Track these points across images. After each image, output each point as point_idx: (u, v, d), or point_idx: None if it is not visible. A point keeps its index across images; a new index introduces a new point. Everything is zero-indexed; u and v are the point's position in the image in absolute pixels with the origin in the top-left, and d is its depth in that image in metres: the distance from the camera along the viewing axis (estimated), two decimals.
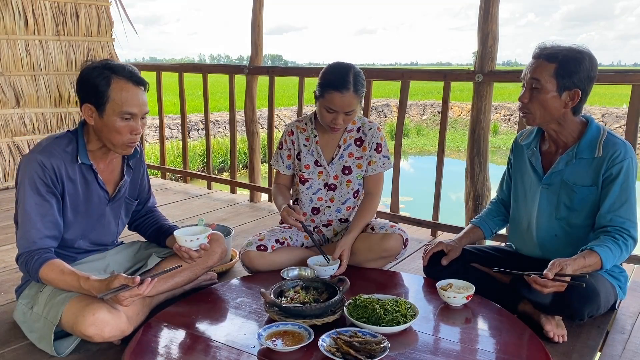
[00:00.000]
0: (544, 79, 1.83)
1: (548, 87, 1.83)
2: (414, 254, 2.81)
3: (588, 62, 1.83)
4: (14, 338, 1.88)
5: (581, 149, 1.90)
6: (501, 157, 13.17)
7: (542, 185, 1.99)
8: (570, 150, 1.92)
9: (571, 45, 1.86)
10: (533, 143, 2.05)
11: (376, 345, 1.53)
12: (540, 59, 1.86)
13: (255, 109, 3.91)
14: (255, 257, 2.23)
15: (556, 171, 1.95)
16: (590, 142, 1.89)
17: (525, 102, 1.89)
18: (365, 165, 2.37)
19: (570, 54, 1.82)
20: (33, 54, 4.27)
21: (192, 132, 12.23)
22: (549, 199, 1.98)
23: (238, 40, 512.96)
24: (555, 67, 1.82)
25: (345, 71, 2.16)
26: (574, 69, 1.81)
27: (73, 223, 1.87)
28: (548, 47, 1.86)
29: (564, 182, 1.94)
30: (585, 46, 1.86)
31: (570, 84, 1.82)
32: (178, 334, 1.72)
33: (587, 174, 1.90)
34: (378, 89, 20.65)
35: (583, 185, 1.90)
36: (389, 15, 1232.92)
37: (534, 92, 1.86)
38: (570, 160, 1.92)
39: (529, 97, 1.88)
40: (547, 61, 1.83)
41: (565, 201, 1.95)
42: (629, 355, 1.84)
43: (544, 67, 1.83)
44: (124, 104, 1.72)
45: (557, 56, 1.82)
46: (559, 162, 1.94)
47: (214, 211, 3.65)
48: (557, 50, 1.84)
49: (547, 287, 1.69)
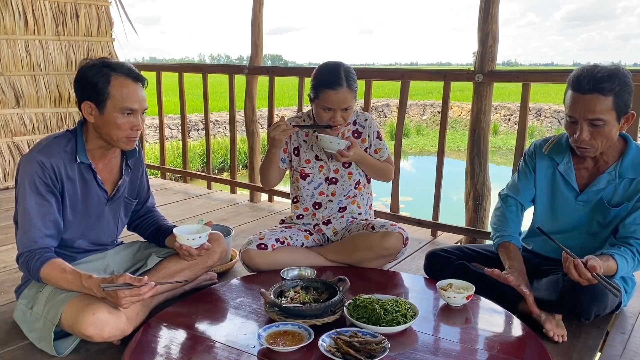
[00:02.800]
0: (604, 114, 1.72)
1: (610, 121, 1.74)
2: (414, 254, 2.81)
3: (631, 79, 1.76)
4: (14, 338, 1.88)
5: (624, 169, 1.86)
6: (501, 157, 13.17)
7: (577, 202, 1.95)
8: (612, 170, 1.87)
9: (608, 66, 1.76)
10: (566, 157, 1.96)
11: (376, 345, 1.53)
12: (593, 93, 1.72)
13: (255, 109, 3.91)
14: (255, 256, 2.23)
15: (596, 190, 1.90)
16: (633, 161, 1.86)
17: (587, 140, 1.78)
18: (370, 154, 2.40)
19: (620, 79, 1.72)
20: (33, 54, 4.27)
21: (192, 132, 12.23)
22: (583, 215, 1.95)
23: (238, 40, 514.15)
24: (612, 100, 1.72)
25: (336, 69, 2.19)
26: (628, 94, 1.74)
27: (72, 222, 1.87)
28: (595, 77, 1.71)
29: (602, 201, 1.90)
30: (616, 63, 1.78)
31: (626, 109, 1.76)
32: (178, 334, 1.72)
33: (626, 194, 1.87)
34: (378, 89, 20.66)
35: (621, 204, 1.87)
36: (389, 15, 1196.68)
37: (594, 128, 1.76)
38: (612, 180, 1.87)
39: (590, 135, 1.77)
40: (603, 95, 1.71)
41: (599, 219, 1.92)
42: (629, 355, 1.84)
43: (602, 102, 1.71)
44: (124, 100, 1.73)
45: (613, 88, 1.71)
46: (600, 181, 1.89)
47: (214, 211, 3.65)
48: (607, 79, 1.71)
49: (585, 277, 1.62)
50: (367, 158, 2.35)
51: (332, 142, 2.19)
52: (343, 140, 2.21)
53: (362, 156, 2.32)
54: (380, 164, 2.41)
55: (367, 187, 2.50)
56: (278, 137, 2.21)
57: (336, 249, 2.36)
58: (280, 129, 2.18)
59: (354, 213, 2.47)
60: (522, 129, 2.84)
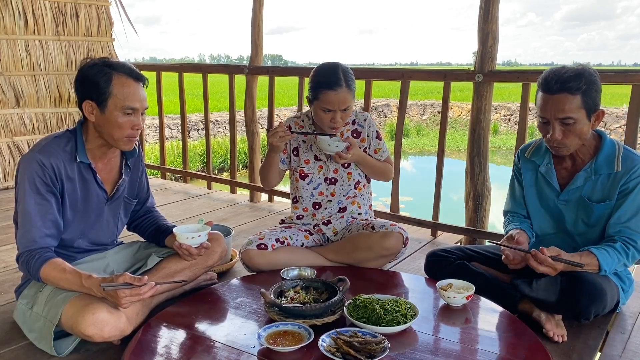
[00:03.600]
0: (574, 113, 1.76)
1: (580, 118, 1.78)
2: (414, 254, 2.81)
3: (598, 78, 1.79)
4: (13, 338, 1.88)
5: (599, 165, 1.88)
6: (501, 157, 13.18)
7: (559, 202, 1.97)
8: (588, 167, 1.90)
9: (574, 66, 1.80)
10: (546, 159, 2.00)
11: (376, 345, 1.53)
12: (561, 93, 1.76)
13: (255, 109, 3.91)
14: (255, 256, 2.23)
15: (574, 187, 1.93)
16: (607, 157, 1.88)
17: (560, 139, 1.81)
18: (370, 154, 2.40)
19: (586, 77, 1.76)
20: (33, 54, 4.27)
21: (192, 132, 12.23)
22: (567, 215, 1.97)
23: (238, 40, 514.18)
24: (580, 98, 1.76)
25: (334, 69, 2.19)
26: (596, 92, 1.77)
27: (72, 222, 1.87)
28: (562, 78, 1.76)
29: (582, 198, 1.92)
30: (583, 64, 1.82)
31: (595, 107, 1.79)
32: (178, 334, 1.72)
33: (605, 190, 1.89)
34: (378, 89, 20.65)
35: (601, 201, 1.89)
36: (389, 15, 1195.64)
37: (566, 127, 1.79)
38: (589, 177, 1.90)
39: (562, 134, 1.80)
40: (571, 94, 1.75)
41: (583, 217, 1.94)
42: (629, 355, 1.84)
43: (570, 101, 1.76)
44: (125, 99, 1.74)
45: (580, 87, 1.75)
46: (577, 179, 1.92)
47: (214, 211, 3.65)
48: (573, 79, 1.75)
49: (544, 264, 1.73)
50: (366, 159, 2.35)
51: (330, 145, 2.19)
52: (342, 142, 2.21)
53: (362, 157, 2.32)
54: (379, 164, 2.41)
55: (367, 187, 2.50)
56: (276, 144, 2.22)
57: (336, 249, 2.36)
58: (278, 135, 2.19)
59: (354, 213, 2.47)
60: (522, 129, 2.84)
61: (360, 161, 2.33)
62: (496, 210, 3.38)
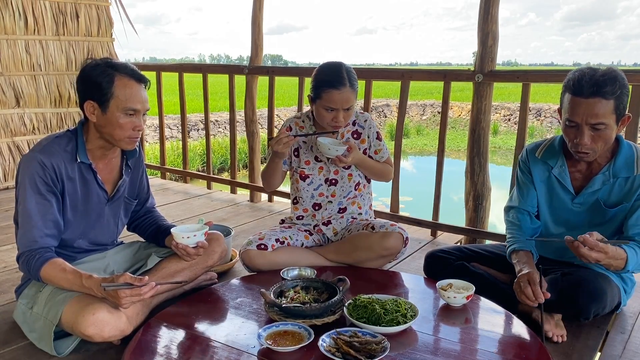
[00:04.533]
0: (606, 118, 1.70)
1: (610, 124, 1.72)
2: (414, 254, 2.81)
3: (627, 82, 1.75)
4: (14, 338, 1.88)
5: (618, 168, 1.85)
6: (501, 157, 13.17)
7: (574, 204, 1.94)
8: (606, 170, 1.86)
9: (606, 69, 1.74)
10: (560, 161, 1.95)
11: (376, 345, 1.53)
12: (595, 97, 1.69)
13: (255, 109, 3.91)
14: (255, 256, 2.23)
15: (591, 191, 1.90)
16: (626, 160, 1.85)
17: (589, 145, 1.75)
18: (370, 155, 2.40)
19: (620, 82, 1.70)
20: (33, 54, 4.27)
21: (192, 132, 12.23)
22: (579, 218, 1.95)
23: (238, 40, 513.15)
24: (613, 103, 1.70)
25: (338, 68, 2.20)
26: (626, 97, 1.73)
27: (72, 222, 1.87)
28: (598, 82, 1.69)
29: (598, 201, 1.90)
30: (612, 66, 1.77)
31: (624, 112, 1.75)
32: (178, 334, 1.72)
33: (622, 192, 1.86)
34: (378, 89, 20.65)
35: (617, 204, 1.87)
36: (389, 15, 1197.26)
37: (596, 132, 1.73)
38: (607, 180, 1.87)
39: (592, 139, 1.74)
40: (605, 98, 1.69)
41: (597, 220, 1.92)
42: (629, 355, 1.84)
43: (604, 106, 1.69)
44: (127, 100, 1.74)
45: (615, 92, 1.68)
46: (595, 182, 1.88)
47: (214, 211, 3.65)
48: (609, 82, 1.69)
49: (596, 249, 1.62)
50: (366, 161, 2.35)
51: (330, 149, 2.18)
52: (342, 146, 2.21)
53: (361, 159, 2.31)
54: (379, 165, 2.41)
55: (367, 187, 2.50)
56: (281, 151, 2.22)
57: (336, 249, 2.36)
58: (282, 142, 2.17)
59: (354, 213, 2.47)
60: (522, 129, 2.84)
61: (360, 164, 2.33)
62: (496, 210, 3.38)
